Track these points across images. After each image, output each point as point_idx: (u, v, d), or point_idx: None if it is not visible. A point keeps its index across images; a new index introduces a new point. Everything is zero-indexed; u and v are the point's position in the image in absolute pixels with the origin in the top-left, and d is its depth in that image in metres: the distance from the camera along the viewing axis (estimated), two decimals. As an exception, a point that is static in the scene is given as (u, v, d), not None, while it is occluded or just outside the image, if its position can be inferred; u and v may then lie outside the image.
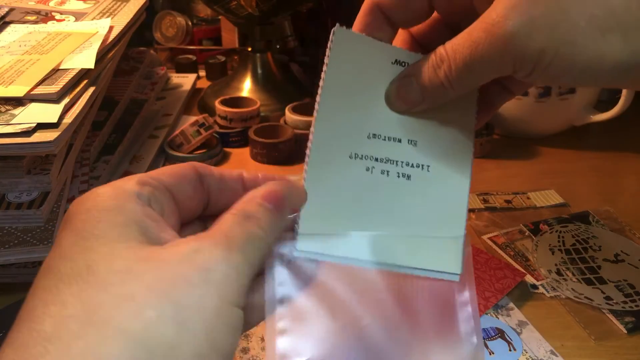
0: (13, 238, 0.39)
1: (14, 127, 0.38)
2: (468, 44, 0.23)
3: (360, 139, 0.25)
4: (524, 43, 0.21)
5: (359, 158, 0.25)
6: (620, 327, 0.37)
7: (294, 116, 0.61)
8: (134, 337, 0.18)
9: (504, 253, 0.45)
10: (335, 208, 0.24)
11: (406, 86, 0.26)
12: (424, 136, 0.26)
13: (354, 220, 0.24)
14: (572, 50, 0.21)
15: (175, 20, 0.81)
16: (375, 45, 0.26)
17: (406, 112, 0.26)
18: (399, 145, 0.26)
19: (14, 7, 0.58)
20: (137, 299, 0.18)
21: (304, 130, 0.61)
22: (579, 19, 0.21)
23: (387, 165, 0.25)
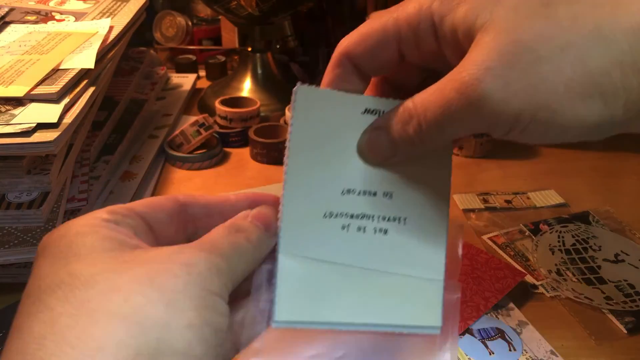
0: (13, 238, 0.39)
1: (14, 127, 0.38)
2: (440, 103, 0.21)
3: (333, 197, 0.24)
4: (499, 107, 0.20)
5: (334, 217, 0.24)
6: (620, 327, 0.37)
7: (294, 116, 0.61)
8: (125, 318, 0.18)
9: (504, 253, 0.45)
10: (312, 273, 0.24)
11: (377, 139, 0.25)
12: (399, 188, 0.25)
13: (331, 284, 0.24)
14: (550, 115, 0.20)
15: (175, 20, 0.81)
16: (342, 98, 0.25)
17: (380, 165, 0.25)
18: (374, 199, 0.25)
19: (14, 7, 0.58)
20: (124, 289, 0.19)
21: (304, 130, 0.61)
22: (557, 83, 0.19)
23: (363, 221, 0.25)
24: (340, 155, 0.25)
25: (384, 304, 0.25)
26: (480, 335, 0.36)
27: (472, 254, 0.43)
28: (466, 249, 0.43)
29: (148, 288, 0.19)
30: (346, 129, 0.25)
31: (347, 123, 0.25)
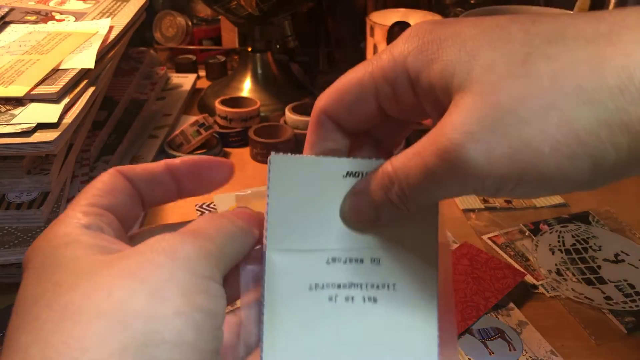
0: (13, 238, 0.39)
1: (14, 127, 0.38)
2: (421, 169, 0.21)
3: (318, 267, 0.23)
4: (482, 172, 0.19)
5: (320, 288, 0.23)
6: (620, 327, 0.38)
7: (294, 116, 0.61)
8: (107, 314, 0.18)
9: (504, 253, 0.45)
10: (299, 348, 0.23)
11: (359, 205, 0.24)
12: (386, 252, 0.24)
13: (320, 358, 0.23)
14: (537, 176, 0.19)
15: (175, 20, 0.81)
16: (320, 163, 0.24)
17: (365, 230, 0.24)
18: (362, 266, 0.24)
19: (14, 7, 0.58)
20: (105, 286, 0.19)
21: (304, 130, 0.61)
22: (542, 146, 0.18)
23: (351, 291, 0.23)
24: (323, 223, 0.24)
25: None
26: (480, 335, 0.36)
27: (472, 254, 0.43)
28: (466, 249, 0.43)
29: (130, 281, 0.19)
30: (327, 196, 0.24)
31: (327, 189, 0.24)
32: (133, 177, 0.24)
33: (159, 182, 0.24)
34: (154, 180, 0.24)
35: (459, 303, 0.38)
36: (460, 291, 0.39)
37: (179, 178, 0.24)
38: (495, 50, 0.20)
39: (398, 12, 0.72)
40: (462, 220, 0.49)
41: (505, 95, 0.19)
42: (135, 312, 0.18)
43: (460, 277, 0.40)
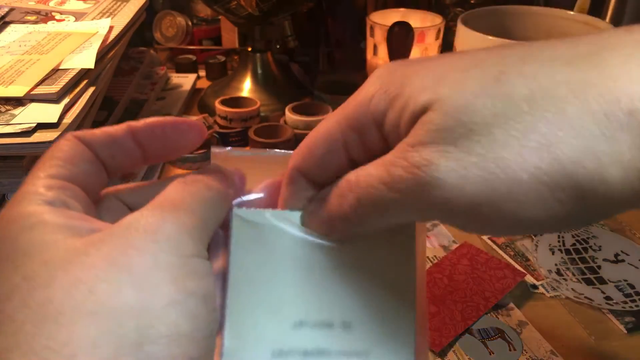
0: (13, 238, 0.39)
1: (14, 127, 0.38)
2: (384, 180, 0.19)
3: (283, 331, 0.21)
4: (452, 193, 0.17)
5: (284, 355, 0.21)
6: (620, 327, 0.37)
7: (294, 116, 0.61)
8: (93, 313, 0.16)
9: (504, 253, 0.45)
10: None
11: (316, 212, 0.22)
12: (358, 315, 0.22)
13: None
14: (515, 207, 0.17)
15: (175, 20, 0.81)
16: (285, 217, 0.22)
17: (325, 238, 0.22)
18: (331, 331, 0.22)
19: (14, 7, 0.58)
20: (85, 280, 0.17)
21: (304, 130, 0.61)
22: (520, 172, 0.16)
23: (319, 359, 0.21)
24: (289, 281, 0.22)
25: None
26: (480, 335, 0.36)
27: (472, 254, 0.43)
28: (466, 249, 0.43)
29: (112, 271, 0.17)
30: (293, 251, 0.22)
31: (292, 244, 0.22)
32: (93, 142, 0.21)
33: (122, 146, 0.22)
34: (115, 144, 0.22)
35: (459, 303, 0.38)
36: (460, 291, 0.39)
37: (143, 141, 0.22)
38: (464, 71, 0.18)
39: (398, 12, 0.72)
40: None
41: (478, 114, 0.17)
42: (124, 308, 0.16)
43: (460, 277, 0.40)
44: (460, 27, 0.63)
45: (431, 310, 0.37)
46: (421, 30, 0.66)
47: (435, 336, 0.35)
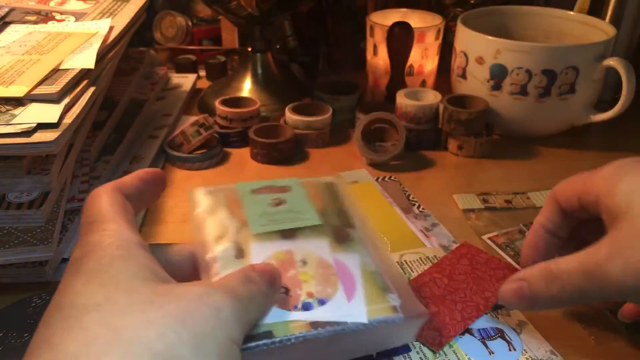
0: (13, 238, 0.39)
1: (14, 127, 0.38)
2: (582, 277, 0.29)
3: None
4: (617, 283, 0.27)
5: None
6: (620, 327, 0.38)
7: (294, 116, 0.61)
8: (157, 354, 0.19)
9: (503, 253, 0.45)
10: None
11: (521, 290, 0.32)
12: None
13: None
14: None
15: (175, 21, 0.81)
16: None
17: (518, 308, 0.35)
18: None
19: (14, 7, 0.58)
20: (159, 324, 0.20)
21: (304, 130, 0.61)
22: None
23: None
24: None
25: None
26: (480, 335, 0.36)
27: (472, 254, 0.43)
28: (466, 249, 0.43)
29: (180, 327, 0.20)
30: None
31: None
32: (124, 189, 0.27)
33: (139, 192, 0.28)
34: (137, 191, 0.28)
35: (459, 303, 0.38)
36: (460, 291, 0.39)
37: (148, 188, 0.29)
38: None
39: (398, 12, 0.72)
40: (462, 220, 0.49)
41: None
42: (180, 358, 0.19)
43: (460, 277, 0.40)
44: (460, 27, 0.63)
45: (431, 310, 0.37)
46: (421, 31, 0.66)
47: (435, 336, 0.35)
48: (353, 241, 0.33)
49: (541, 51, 0.57)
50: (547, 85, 0.58)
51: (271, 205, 0.34)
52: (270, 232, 0.32)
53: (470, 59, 0.62)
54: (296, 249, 0.31)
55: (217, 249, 0.30)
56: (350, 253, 0.32)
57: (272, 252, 0.31)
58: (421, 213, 0.50)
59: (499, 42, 0.58)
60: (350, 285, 0.30)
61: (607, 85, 0.64)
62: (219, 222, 0.32)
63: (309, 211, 0.34)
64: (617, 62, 0.57)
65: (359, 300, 0.29)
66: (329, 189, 0.38)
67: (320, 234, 0.33)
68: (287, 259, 0.31)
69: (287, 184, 0.37)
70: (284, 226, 0.33)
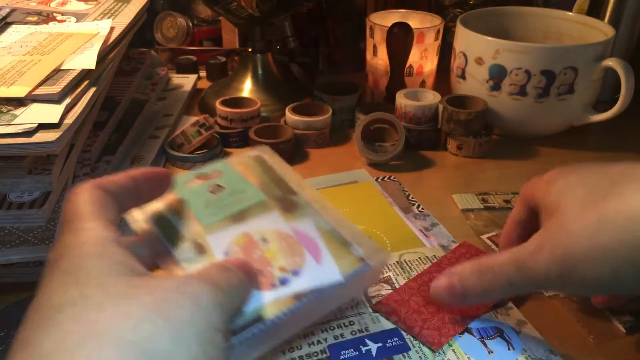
0: (14, 238, 0.39)
1: (15, 128, 0.38)
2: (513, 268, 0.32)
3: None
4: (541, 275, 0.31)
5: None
6: (619, 326, 0.38)
7: (294, 116, 0.61)
8: (133, 345, 0.19)
9: (503, 253, 0.45)
10: None
11: (452, 285, 0.34)
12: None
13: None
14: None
15: (176, 21, 0.82)
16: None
17: (449, 303, 0.35)
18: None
19: (15, 7, 0.58)
20: (134, 316, 0.20)
21: (304, 130, 0.61)
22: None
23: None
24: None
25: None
26: (479, 334, 0.36)
27: (471, 253, 0.43)
28: (465, 248, 0.44)
29: (156, 317, 0.20)
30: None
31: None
32: (108, 187, 0.27)
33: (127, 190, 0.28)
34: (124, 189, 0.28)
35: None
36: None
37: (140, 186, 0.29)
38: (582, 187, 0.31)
39: (398, 13, 0.72)
40: (461, 220, 0.49)
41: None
42: (157, 349, 0.19)
43: None
44: (460, 27, 0.64)
45: (430, 310, 0.37)
46: (420, 31, 0.66)
47: (434, 335, 0.35)
48: (300, 207, 0.34)
49: (540, 52, 0.57)
50: (546, 86, 0.58)
51: (210, 193, 0.34)
52: (221, 220, 0.32)
53: (469, 60, 0.62)
54: (252, 229, 0.31)
55: (176, 252, 0.29)
56: (303, 219, 0.33)
57: (231, 238, 0.31)
58: (421, 213, 0.50)
59: (498, 43, 0.59)
60: (315, 249, 0.31)
61: (606, 85, 0.65)
62: (165, 223, 0.31)
63: (250, 189, 0.34)
64: (616, 62, 0.57)
65: (328, 261, 0.30)
66: (259, 162, 0.38)
67: (268, 209, 0.33)
68: (247, 242, 0.31)
69: (217, 168, 0.36)
70: (232, 210, 0.32)
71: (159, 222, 0.31)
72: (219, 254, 0.30)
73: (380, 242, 0.45)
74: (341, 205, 0.50)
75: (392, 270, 0.41)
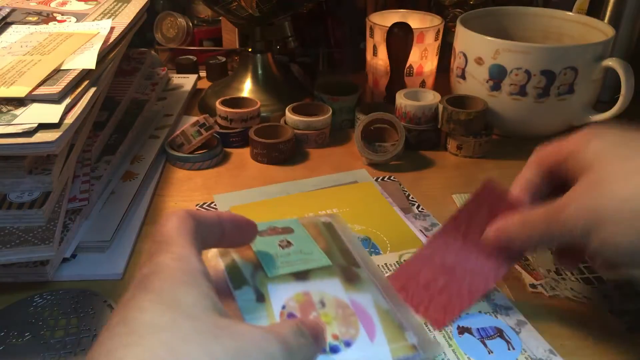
0: (15, 238, 0.39)
1: (15, 128, 0.38)
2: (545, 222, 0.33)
3: None
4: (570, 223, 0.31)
5: None
6: (619, 326, 0.38)
7: (294, 116, 0.61)
8: None
9: (503, 253, 0.45)
10: None
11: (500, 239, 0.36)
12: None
13: None
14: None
15: (176, 21, 0.82)
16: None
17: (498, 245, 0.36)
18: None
19: (15, 8, 0.58)
20: (215, 357, 0.21)
21: (304, 130, 0.61)
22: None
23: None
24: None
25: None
26: (479, 334, 0.36)
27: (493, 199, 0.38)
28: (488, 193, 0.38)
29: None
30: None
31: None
32: (201, 220, 0.28)
33: (217, 229, 0.30)
34: (214, 226, 0.29)
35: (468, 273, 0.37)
36: (473, 256, 0.37)
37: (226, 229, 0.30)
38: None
39: (397, 13, 0.72)
40: (461, 220, 0.49)
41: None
42: None
43: (476, 236, 0.37)
44: (459, 27, 0.64)
45: (439, 284, 0.36)
46: (420, 31, 0.66)
47: (439, 313, 0.35)
48: (362, 280, 0.34)
49: (540, 52, 0.57)
50: (546, 86, 0.58)
51: (280, 247, 0.36)
52: (285, 275, 0.33)
53: (469, 60, 0.62)
54: (312, 290, 0.33)
55: (236, 292, 0.31)
56: (363, 292, 0.33)
57: (291, 294, 0.32)
58: (420, 213, 0.50)
59: (498, 43, 0.59)
60: (370, 325, 0.31)
61: (606, 85, 0.65)
62: (232, 264, 0.33)
63: (317, 252, 0.36)
64: (616, 62, 0.57)
65: (381, 340, 0.30)
66: (328, 229, 0.39)
67: (331, 274, 0.34)
68: (306, 301, 0.32)
69: (288, 224, 0.38)
70: (297, 268, 0.34)
71: (227, 261, 0.33)
72: (277, 306, 0.31)
73: (381, 241, 0.45)
74: (341, 206, 0.50)
75: (392, 270, 0.41)
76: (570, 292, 0.40)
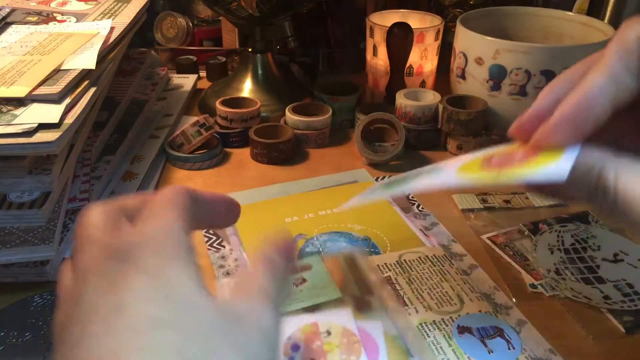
0: (15, 238, 0.39)
1: (15, 128, 0.38)
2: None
3: None
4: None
5: None
6: (619, 326, 0.38)
7: (294, 116, 0.61)
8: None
9: (503, 253, 0.45)
10: None
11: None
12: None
13: None
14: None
15: (176, 21, 0.82)
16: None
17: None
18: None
19: (15, 7, 0.58)
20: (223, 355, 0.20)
21: (304, 130, 0.61)
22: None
23: None
24: None
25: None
26: (479, 333, 0.36)
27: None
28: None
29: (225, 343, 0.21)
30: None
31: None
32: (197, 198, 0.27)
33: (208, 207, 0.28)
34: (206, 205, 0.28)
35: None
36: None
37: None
38: None
39: (398, 13, 0.72)
40: (461, 220, 0.49)
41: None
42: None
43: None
44: (459, 27, 0.64)
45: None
46: (420, 31, 0.66)
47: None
48: (373, 308, 0.36)
49: (540, 52, 0.57)
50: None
51: (294, 285, 0.37)
52: (294, 310, 0.35)
53: (469, 60, 0.62)
54: (321, 320, 0.34)
55: None
56: (372, 320, 0.35)
57: (299, 326, 0.33)
58: (421, 212, 0.50)
59: (498, 43, 0.59)
60: (374, 351, 0.32)
61: (606, 85, 0.64)
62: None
63: (331, 286, 0.37)
64: (616, 62, 0.57)
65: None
66: (347, 261, 0.41)
67: (342, 304, 0.36)
68: (313, 331, 0.33)
69: (310, 262, 0.40)
70: (304, 304, 0.35)
71: None
72: (283, 337, 0.32)
73: (381, 241, 0.45)
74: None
75: (392, 270, 0.41)
76: (570, 292, 0.40)
